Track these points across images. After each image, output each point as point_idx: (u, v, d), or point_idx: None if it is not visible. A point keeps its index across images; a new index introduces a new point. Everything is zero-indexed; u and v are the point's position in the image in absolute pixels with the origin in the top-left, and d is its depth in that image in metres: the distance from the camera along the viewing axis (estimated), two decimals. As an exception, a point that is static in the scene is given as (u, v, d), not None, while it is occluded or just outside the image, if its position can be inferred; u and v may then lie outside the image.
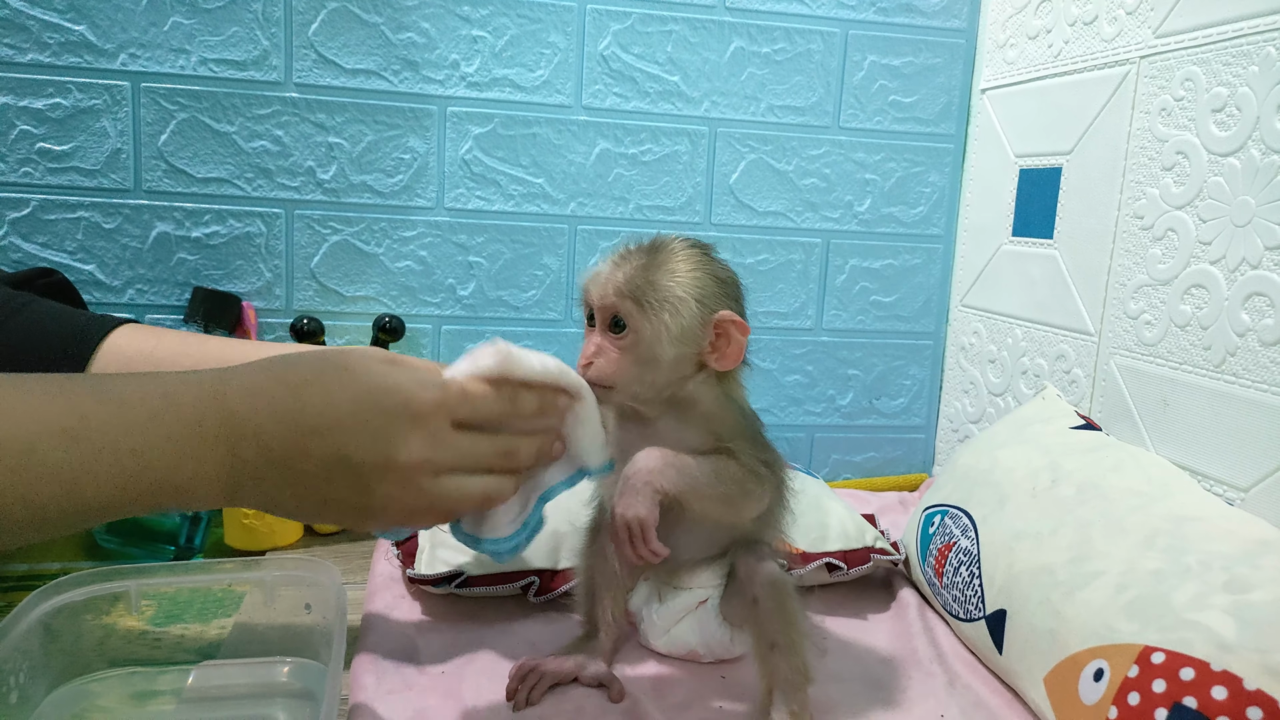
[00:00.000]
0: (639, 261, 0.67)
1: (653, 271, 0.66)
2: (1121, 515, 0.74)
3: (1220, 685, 0.56)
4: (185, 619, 0.80)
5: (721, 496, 0.67)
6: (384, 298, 1.19)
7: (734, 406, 0.70)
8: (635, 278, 0.66)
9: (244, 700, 0.69)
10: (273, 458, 0.53)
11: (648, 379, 0.67)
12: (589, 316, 0.69)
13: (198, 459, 0.51)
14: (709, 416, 0.69)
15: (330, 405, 0.54)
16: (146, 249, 1.12)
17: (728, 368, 0.69)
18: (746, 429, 0.70)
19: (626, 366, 0.66)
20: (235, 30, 1.10)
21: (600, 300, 0.67)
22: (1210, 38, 0.84)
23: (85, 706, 0.67)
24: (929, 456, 1.38)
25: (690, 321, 0.66)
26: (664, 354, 0.66)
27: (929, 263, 1.33)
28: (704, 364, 0.68)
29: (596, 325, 0.68)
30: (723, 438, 0.68)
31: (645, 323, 0.65)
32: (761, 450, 0.70)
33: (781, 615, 0.69)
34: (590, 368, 0.66)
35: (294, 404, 0.53)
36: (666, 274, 0.66)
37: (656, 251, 0.68)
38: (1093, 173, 1.01)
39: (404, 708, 0.69)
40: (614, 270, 0.67)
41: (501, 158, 1.19)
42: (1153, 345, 0.90)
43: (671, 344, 0.66)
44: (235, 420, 0.52)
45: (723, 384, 0.70)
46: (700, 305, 0.66)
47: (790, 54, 1.24)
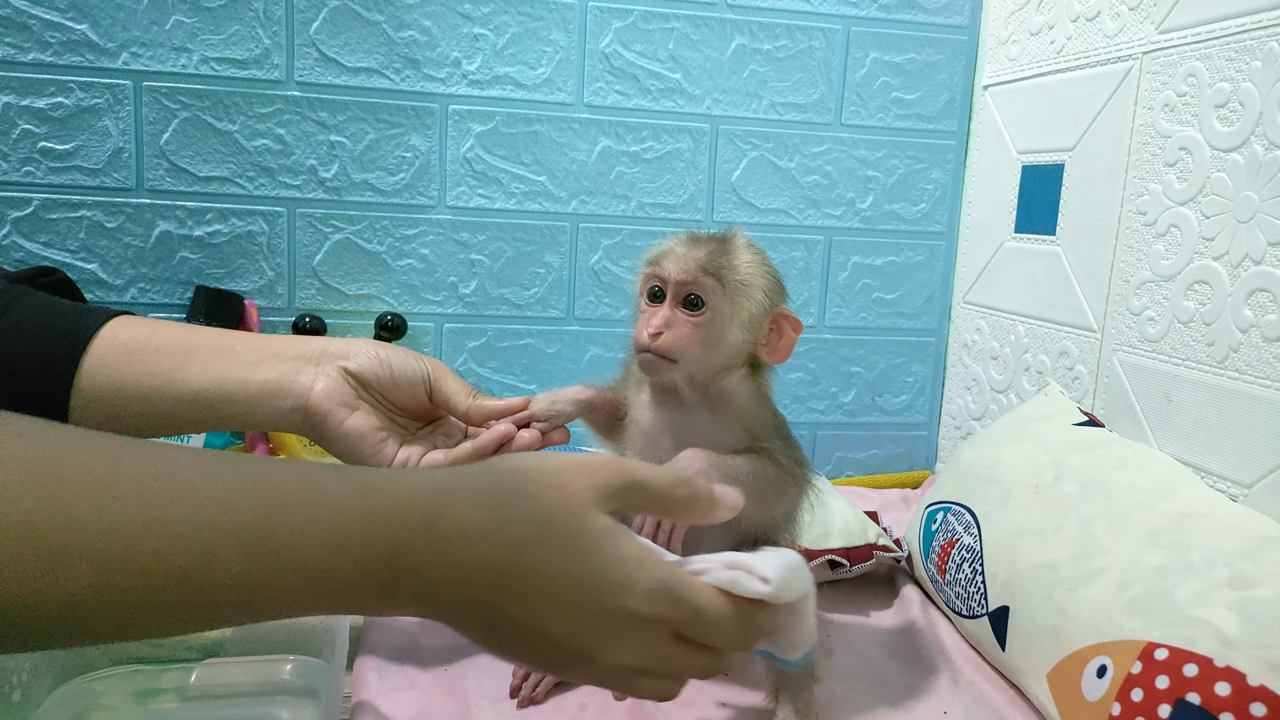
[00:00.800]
0: (715, 245, 0.68)
1: (730, 256, 0.67)
2: (1124, 512, 0.74)
3: (1223, 681, 0.56)
4: (188, 617, 0.79)
5: (757, 496, 0.67)
6: (386, 296, 1.19)
7: (767, 404, 0.71)
8: (717, 258, 0.67)
9: (247, 698, 0.69)
10: (469, 610, 0.47)
11: (709, 360, 0.67)
12: (653, 292, 0.68)
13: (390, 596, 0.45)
14: (743, 412, 0.69)
15: (546, 580, 0.47)
16: (149, 248, 1.12)
17: (778, 362, 0.70)
18: (779, 428, 0.71)
19: (695, 342, 0.66)
20: (237, 29, 1.10)
21: (680, 274, 0.67)
22: (1213, 33, 0.84)
23: (88, 705, 0.68)
24: (931, 454, 1.38)
25: (758, 311, 0.67)
26: (732, 337, 0.67)
27: (931, 260, 1.33)
28: (753, 356, 0.69)
29: (667, 300, 0.67)
30: (757, 436, 0.69)
31: (724, 302, 0.66)
32: (793, 450, 0.71)
33: None
34: (660, 338, 0.66)
35: (507, 563, 0.47)
36: (741, 261, 0.68)
37: (728, 240, 0.69)
38: (1095, 169, 1.00)
39: (407, 706, 0.69)
40: (691, 249, 0.68)
41: (503, 156, 1.19)
42: (1156, 341, 0.90)
43: (741, 328, 0.67)
44: (441, 564, 0.46)
45: (757, 380, 0.71)
46: (766, 297, 0.68)
47: (792, 51, 1.24)
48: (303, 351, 0.65)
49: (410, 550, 0.45)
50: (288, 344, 0.66)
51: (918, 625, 0.87)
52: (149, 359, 0.63)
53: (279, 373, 0.64)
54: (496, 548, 0.47)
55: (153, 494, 0.39)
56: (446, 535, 0.46)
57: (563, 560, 0.48)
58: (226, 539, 0.40)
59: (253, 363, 0.64)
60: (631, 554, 0.49)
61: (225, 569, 0.40)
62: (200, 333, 0.66)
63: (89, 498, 0.37)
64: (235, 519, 0.40)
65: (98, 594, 0.37)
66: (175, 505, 0.39)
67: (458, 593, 0.46)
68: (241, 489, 0.42)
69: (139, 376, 0.62)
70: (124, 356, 0.63)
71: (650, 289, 0.69)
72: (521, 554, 0.47)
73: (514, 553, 0.47)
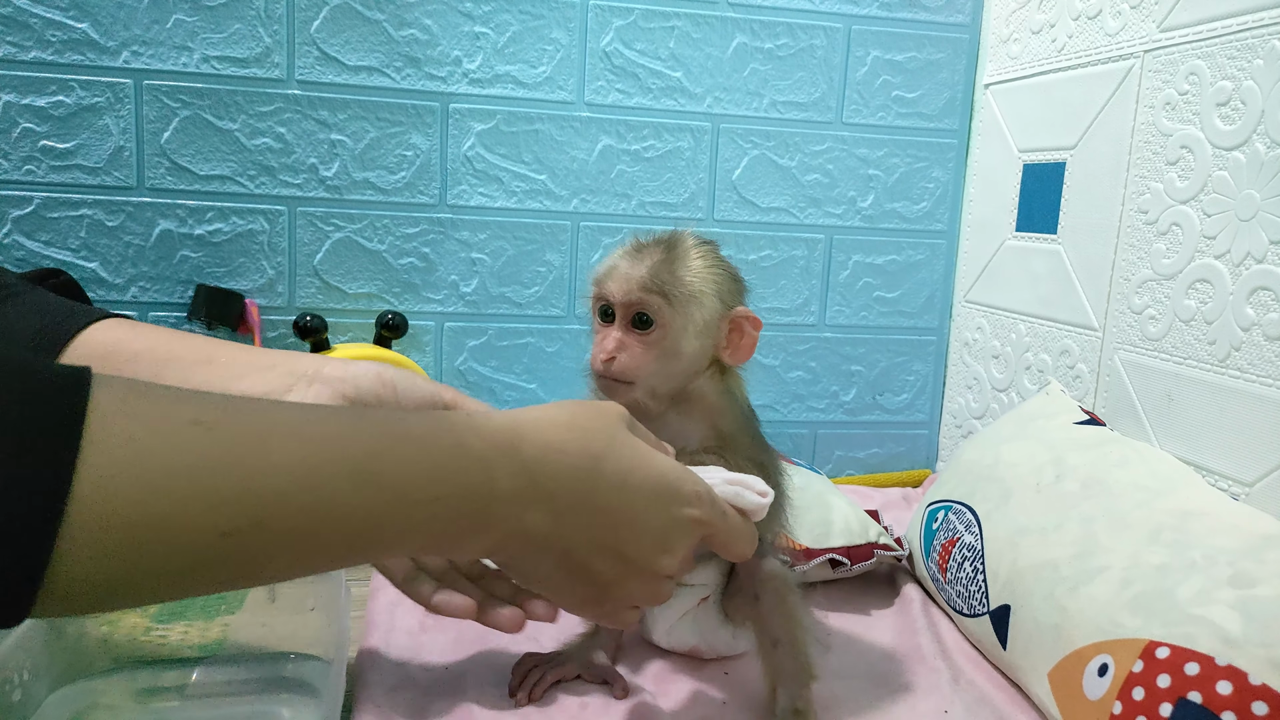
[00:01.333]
0: (658, 256, 0.66)
1: (675, 266, 0.66)
2: (1126, 510, 0.74)
3: (1225, 680, 0.56)
4: (189, 616, 0.80)
5: None
6: (387, 294, 1.19)
7: (736, 401, 0.70)
8: (660, 272, 0.65)
9: (248, 697, 0.69)
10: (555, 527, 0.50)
11: (667, 373, 0.67)
12: (603, 312, 0.68)
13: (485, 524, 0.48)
14: (711, 411, 0.69)
15: (625, 488, 0.52)
16: (149, 246, 1.12)
17: (740, 362, 0.69)
18: (747, 426, 0.70)
19: (649, 362, 0.66)
20: (237, 27, 1.10)
21: (624, 296, 0.66)
22: (1215, 31, 0.84)
23: (88, 705, 0.67)
24: (932, 452, 1.38)
25: (712, 316, 0.66)
26: (687, 347, 0.66)
27: (932, 258, 1.32)
28: (715, 359, 0.68)
29: (616, 321, 0.67)
30: (724, 433, 0.68)
31: (673, 318, 0.65)
32: (759, 450, 0.70)
33: (783, 611, 0.69)
34: (613, 363, 0.65)
35: (592, 472, 0.50)
36: (687, 269, 0.66)
37: (673, 246, 0.67)
38: (1097, 168, 1.00)
39: (407, 705, 0.69)
40: (634, 265, 0.66)
41: (504, 154, 1.19)
42: (1157, 340, 0.90)
43: (695, 337, 0.66)
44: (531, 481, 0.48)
45: (725, 379, 0.70)
46: (719, 300, 0.67)
47: (793, 49, 1.24)
48: (295, 367, 0.61)
49: (502, 474, 0.47)
50: (281, 359, 0.62)
51: (919, 624, 0.87)
52: (124, 365, 0.60)
53: (264, 388, 0.60)
54: (582, 459, 0.50)
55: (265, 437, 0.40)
56: (533, 455, 0.49)
57: (635, 469, 0.52)
58: (338, 474, 0.41)
59: (236, 375, 0.61)
60: (672, 464, 0.55)
61: (338, 502, 0.41)
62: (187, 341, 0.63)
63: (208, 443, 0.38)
64: (344, 454, 0.42)
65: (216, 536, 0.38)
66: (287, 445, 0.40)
67: (548, 507, 0.49)
68: (346, 428, 0.43)
69: None
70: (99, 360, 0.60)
71: (600, 309, 0.68)
72: (603, 464, 0.51)
73: (596, 463, 0.51)
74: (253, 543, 0.39)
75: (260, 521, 0.39)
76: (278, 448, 0.40)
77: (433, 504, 0.45)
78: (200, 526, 0.37)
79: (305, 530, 0.41)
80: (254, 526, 0.39)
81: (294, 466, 0.40)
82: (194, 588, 0.40)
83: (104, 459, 0.35)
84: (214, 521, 0.37)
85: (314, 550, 0.42)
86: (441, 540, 0.47)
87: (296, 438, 0.41)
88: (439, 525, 0.46)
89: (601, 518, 0.51)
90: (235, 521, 0.38)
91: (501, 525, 0.48)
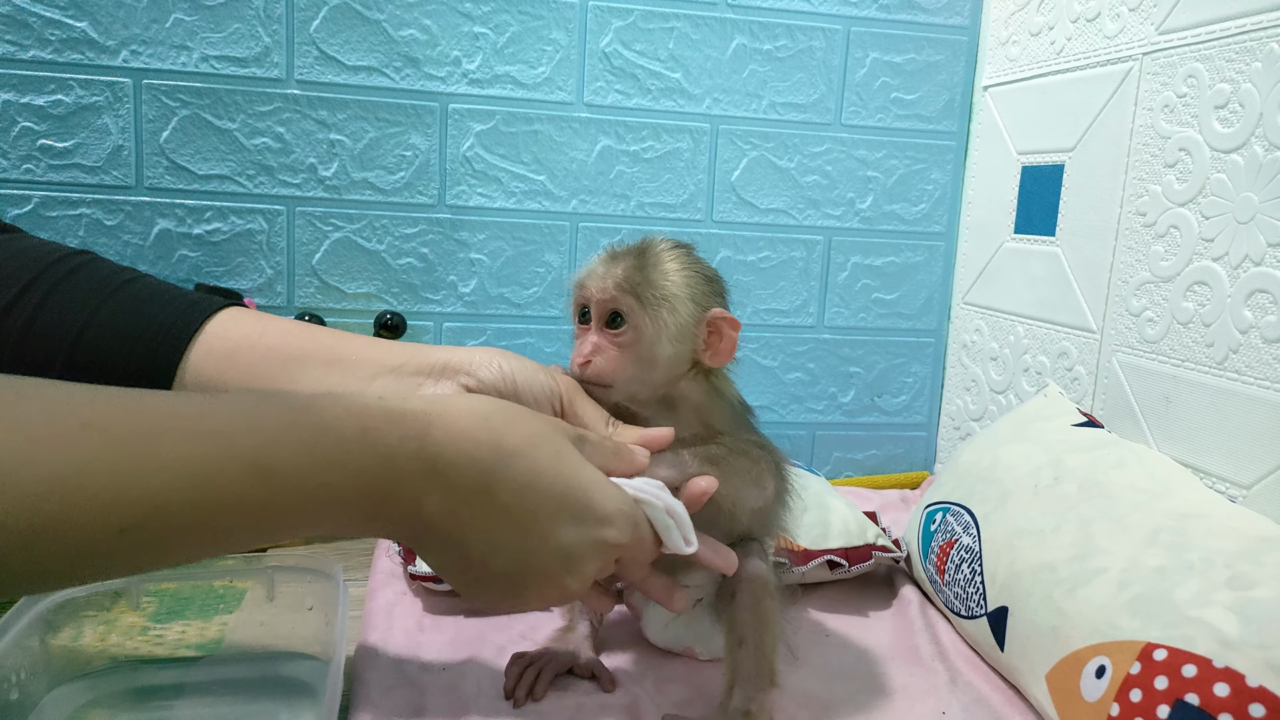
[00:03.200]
0: (632, 260, 0.67)
1: (648, 269, 0.66)
2: (1124, 512, 0.74)
3: (1222, 682, 0.56)
4: (187, 615, 0.80)
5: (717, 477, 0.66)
6: (385, 295, 1.19)
7: (724, 399, 0.70)
8: (633, 274, 0.66)
9: (245, 697, 0.69)
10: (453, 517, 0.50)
11: (645, 377, 0.67)
12: (581, 314, 0.68)
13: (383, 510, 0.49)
14: (699, 410, 0.69)
15: (531, 489, 0.51)
16: (148, 246, 1.12)
17: (721, 364, 0.69)
18: (739, 419, 0.70)
19: (625, 364, 0.66)
20: (237, 27, 1.10)
21: (599, 295, 0.66)
22: (1213, 34, 0.84)
23: (86, 703, 0.67)
24: (930, 454, 1.38)
25: (686, 319, 0.66)
26: (662, 351, 0.66)
27: (931, 260, 1.33)
28: (697, 361, 0.68)
29: (592, 322, 0.67)
30: (714, 429, 0.69)
31: (645, 319, 0.65)
32: (753, 433, 0.70)
33: (755, 613, 0.69)
34: (588, 366, 0.66)
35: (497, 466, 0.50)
36: (660, 273, 0.67)
37: (646, 252, 0.68)
38: (1095, 170, 1.00)
39: (405, 705, 0.69)
40: (610, 267, 0.67)
41: (503, 155, 1.19)
42: (1155, 342, 0.90)
43: (669, 341, 0.66)
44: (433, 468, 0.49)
45: (711, 379, 0.70)
46: (694, 304, 0.67)
47: (792, 51, 1.24)
48: (422, 365, 0.61)
49: (403, 458, 0.48)
50: (406, 355, 0.62)
51: (916, 626, 0.87)
52: (258, 362, 0.60)
53: (395, 390, 0.60)
54: (487, 451, 0.50)
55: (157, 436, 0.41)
56: (439, 441, 0.49)
57: (547, 473, 0.52)
58: (227, 468, 0.43)
59: (368, 375, 0.61)
60: (601, 479, 0.55)
61: (229, 495, 0.43)
62: (312, 335, 0.62)
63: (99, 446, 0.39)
64: (233, 449, 0.43)
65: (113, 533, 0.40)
66: (177, 442, 0.42)
67: (444, 494, 0.49)
68: (239, 422, 0.44)
69: (243, 381, 0.59)
70: (230, 357, 0.60)
71: (580, 311, 0.68)
72: (512, 461, 0.51)
73: (505, 459, 0.51)
74: (150, 536, 0.41)
75: (155, 517, 0.41)
76: (169, 446, 0.41)
77: (327, 489, 0.46)
78: (95, 525, 0.39)
79: (201, 523, 0.42)
80: (149, 522, 0.41)
81: (185, 463, 0.41)
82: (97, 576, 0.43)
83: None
84: (108, 520, 0.39)
85: (213, 539, 0.44)
86: (341, 523, 0.48)
87: (189, 435, 0.42)
88: (336, 510, 0.47)
89: (502, 516, 0.51)
90: (129, 519, 0.40)
91: (398, 507, 0.49)
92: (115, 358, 0.58)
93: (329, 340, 0.62)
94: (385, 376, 0.61)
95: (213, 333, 0.60)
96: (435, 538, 0.51)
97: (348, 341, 0.63)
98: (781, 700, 0.70)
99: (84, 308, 0.58)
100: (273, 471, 0.44)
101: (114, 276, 0.61)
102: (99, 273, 0.61)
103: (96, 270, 0.61)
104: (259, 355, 0.60)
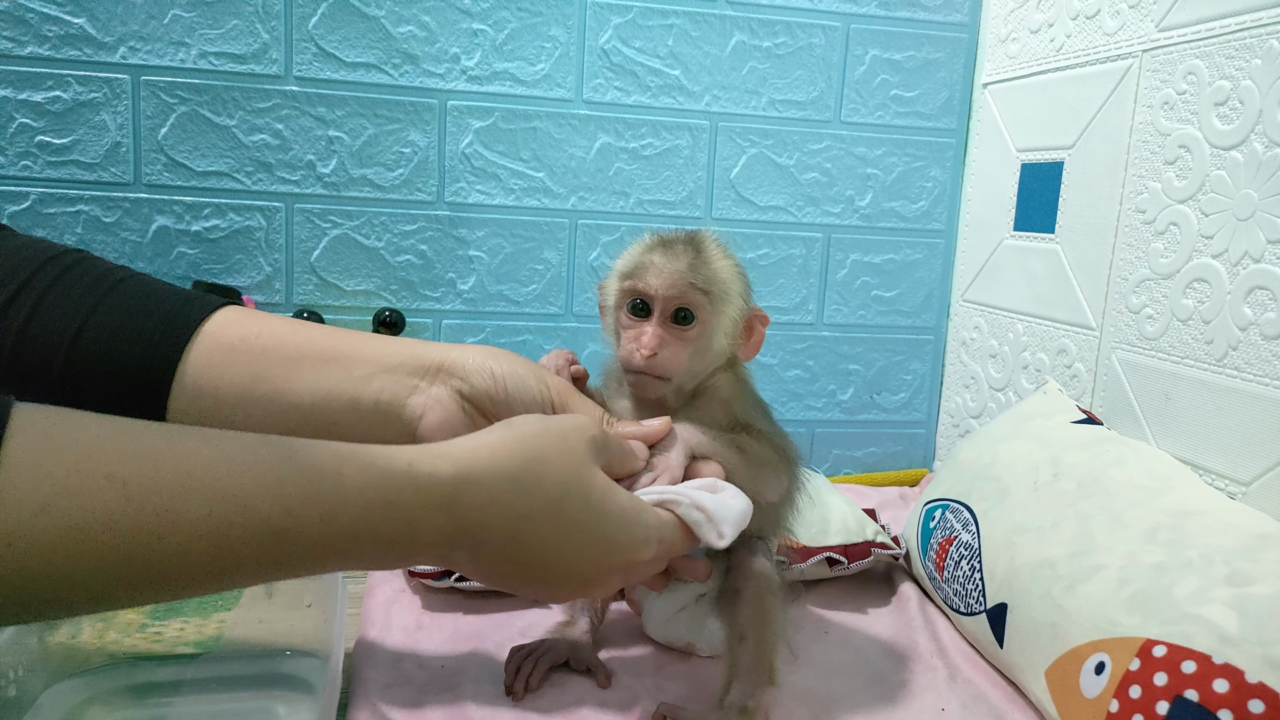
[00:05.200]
0: (691, 254, 0.66)
1: (709, 265, 0.67)
2: (1123, 509, 0.74)
3: (1222, 678, 0.56)
4: (185, 612, 0.80)
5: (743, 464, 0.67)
6: (384, 292, 1.19)
7: (748, 390, 0.72)
8: (700, 269, 0.65)
9: (243, 694, 0.69)
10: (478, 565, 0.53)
11: (696, 369, 0.68)
12: (636, 306, 0.66)
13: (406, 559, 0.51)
14: (725, 403, 0.70)
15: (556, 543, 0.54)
16: (146, 243, 1.12)
17: (750, 357, 0.71)
18: (763, 411, 0.71)
19: (689, 357, 0.66)
20: (235, 23, 1.10)
21: (667, 291, 0.65)
22: (1213, 31, 0.84)
23: (84, 701, 0.67)
24: (930, 451, 1.38)
25: (738, 315, 0.68)
26: (717, 345, 0.67)
27: (930, 257, 1.33)
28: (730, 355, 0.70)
29: (655, 315, 0.66)
30: (740, 419, 0.69)
31: (713, 314, 0.66)
32: (777, 432, 0.71)
33: (758, 610, 0.69)
34: (655, 359, 0.65)
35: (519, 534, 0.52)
36: (718, 267, 0.67)
37: (700, 244, 0.68)
38: (1094, 167, 1.00)
39: (403, 701, 0.69)
40: (670, 260, 0.66)
41: (502, 152, 1.19)
42: (1154, 339, 0.90)
43: (724, 336, 0.67)
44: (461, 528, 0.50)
45: (734, 371, 0.71)
46: (743, 300, 0.68)
47: (791, 48, 1.24)
48: (418, 365, 0.62)
49: (429, 527, 0.49)
50: (402, 353, 0.62)
51: (915, 622, 0.87)
52: (256, 360, 0.60)
53: (391, 391, 0.61)
54: (514, 521, 0.52)
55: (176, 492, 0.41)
56: (467, 509, 0.50)
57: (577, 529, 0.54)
58: (246, 534, 0.42)
59: (365, 375, 0.61)
60: (628, 510, 0.57)
61: (244, 557, 0.43)
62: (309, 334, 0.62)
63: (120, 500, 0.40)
64: (253, 514, 0.43)
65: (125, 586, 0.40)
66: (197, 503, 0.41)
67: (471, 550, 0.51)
68: (261, 486, 0.44)
69: (243, 381, 0.59)
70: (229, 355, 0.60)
71: (632, 303, 0.67)
72: (539, 526, 0.52)
73: (533, 525, 0.52)
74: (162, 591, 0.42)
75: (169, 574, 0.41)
76: (189, 506, 0.41)
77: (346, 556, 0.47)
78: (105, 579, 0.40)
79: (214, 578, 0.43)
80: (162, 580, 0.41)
81: (203, 525, 0.41)
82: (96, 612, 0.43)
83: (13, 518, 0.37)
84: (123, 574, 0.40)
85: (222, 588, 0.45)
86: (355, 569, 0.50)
87: (210, 494, 0.42)
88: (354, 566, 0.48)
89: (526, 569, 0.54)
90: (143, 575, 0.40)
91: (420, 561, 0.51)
92: (113, 359, 0.57)
93: (326, 339, 0.62)
94: (382, 376, 0.61)
95: (210, 332, 0.60)
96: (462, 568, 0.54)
97: (345, 339, 0.63)
98: (781, 697, 0.70)
99: (79, 309, 0.58)
100: (291, 539, 0.44)
101: (107, 276, 0.60)
102: (92, 271, 0.60)
103: (89, 269, 0.60)
104: (257, 354, 0.60)
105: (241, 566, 0.43)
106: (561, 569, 0.54)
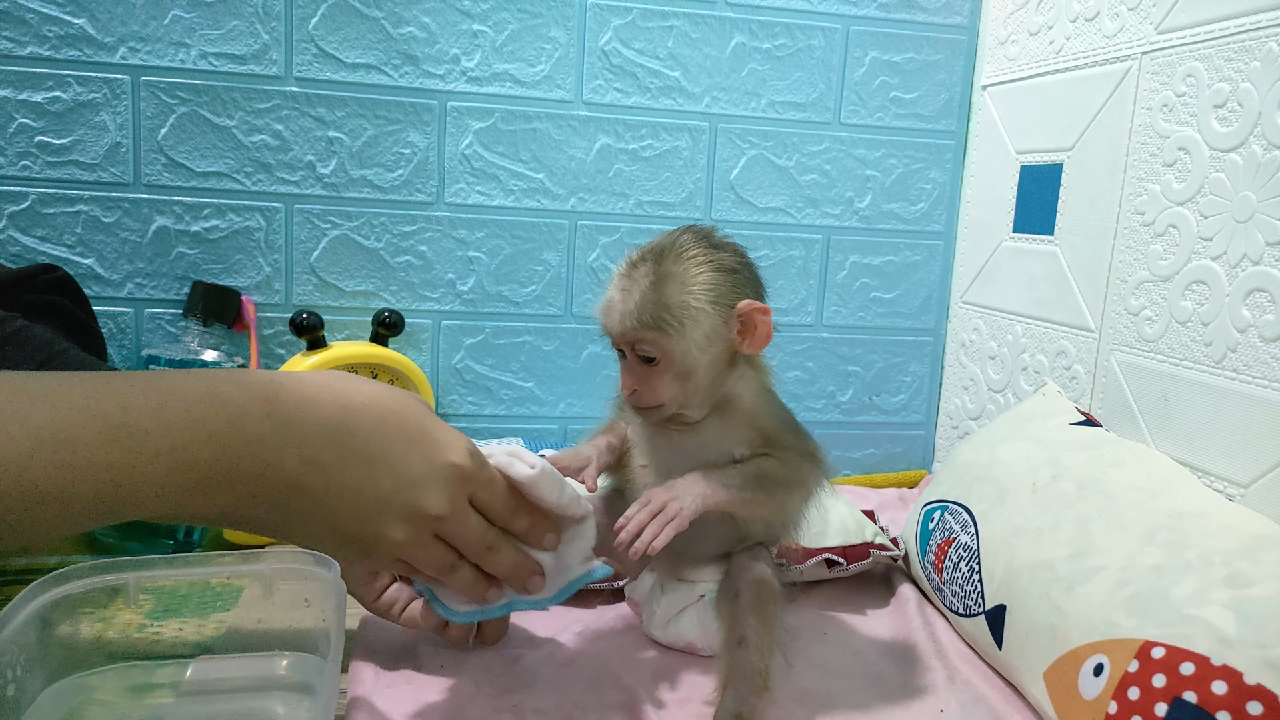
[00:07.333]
0: (646, 280, 0.66)
1: (662, 288, 0.66)
2: (1122, 511, 0.74)
3: (1220, 680, 0.56)
4: (184, 613, 0.79)
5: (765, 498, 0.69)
6: (384, 292, 1.19)
7: (773, 399, 0.71)
8: (646, 303, 0.65)
9: (242, 694, 0.69)
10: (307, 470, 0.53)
11: (689, 387, 0.68)
12: (612, 343, 0.69)
13: (238, 457, 0.50)
14: (749, 413, 0.70)
15: (380, 437, 0.55)
16: (146, 243, 1.12)
17: (757, 350, 0.70)
18: (788, 421, 0.72)
19: (666, 387, 0.67)
20: (235, 24, 1.10)
21: (620, 336, 0.67)
22: (1212, 33, 0.84)
23: (82, 700, 0.67)
24: (929, 453, 1.38)
25: (712, 324, 0.67)
26: (695, 362, 0.67)
27: (929, 259, 1.33)
28: (735, 353, 0.69)
29: (627, 354, 0.68)
30: (767, 432, 0.69)
31: (676, 343, 0.66)
32: (803, 441, 0.71)
33: (758, 614, 0.69)
34: (636, 395, 0.68)
35: (344, 422, 0.54)
36: (677, 287, 0.66)
37: (660, 260, 0.67)
38: (1094, 169, 1.00)
39: (403, 702, 0.69)
40: (624, 297, 0.66)
41: (502, 153, 1.19)
42: (1153, 341, 0.90)
43: (700, 351, 0.67)
44: (281, 427, 0.52)
45: (756, 372, 0.71)
46: (715, 306, 0.67)
47: (791, 50, 1.24)
48: None
49: (252, 419, 0.50)
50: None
51: (914, 624, 0.87)
52: None
53: None
54: (334, 410, 0.54)
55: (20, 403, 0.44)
56: (286, 402, 0.52)
57: (395, 420, 0.55)
58: (86, 432, 0.45)
59: None
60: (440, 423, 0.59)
61: (90, 459, 0.45)
62: None
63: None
64: (92, 412, 0.45)
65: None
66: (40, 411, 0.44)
67: (298, 451, 0.52)
68: (98, 388, 0.47)
69: None
70: None
71: (614, 343, 0.69)
72: (360, 415, 0.54)
73: (353, 414, 0.54)
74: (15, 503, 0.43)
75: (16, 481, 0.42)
76: (30, 411, 0.44)
77: (180, 451, 0.48)
78: None
79: (58, 488, 0.44)
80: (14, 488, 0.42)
81: (45, 427, 0.44)
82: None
83: None
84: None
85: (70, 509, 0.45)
86: (195, 492, 0.50)
87: (48, 400, 0.45)
88: (187, 474, 0.49)
89: (354, 458, 0.54)
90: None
91: (250, 471, 0.51)
92: None
93: None
94: None
95: None
96: (304, 498, 0.54)
97: None
98: (780, 697, 0.70)
99: None
100: (128, 431, 0.46)
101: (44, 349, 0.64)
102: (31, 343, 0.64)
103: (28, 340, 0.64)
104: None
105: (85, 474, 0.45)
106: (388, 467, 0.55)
